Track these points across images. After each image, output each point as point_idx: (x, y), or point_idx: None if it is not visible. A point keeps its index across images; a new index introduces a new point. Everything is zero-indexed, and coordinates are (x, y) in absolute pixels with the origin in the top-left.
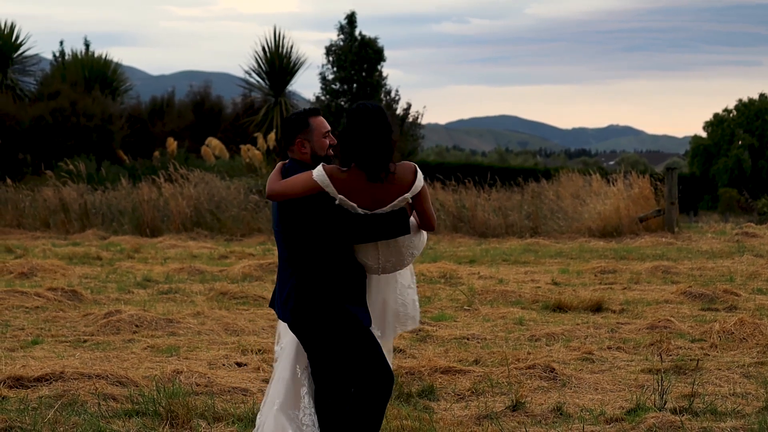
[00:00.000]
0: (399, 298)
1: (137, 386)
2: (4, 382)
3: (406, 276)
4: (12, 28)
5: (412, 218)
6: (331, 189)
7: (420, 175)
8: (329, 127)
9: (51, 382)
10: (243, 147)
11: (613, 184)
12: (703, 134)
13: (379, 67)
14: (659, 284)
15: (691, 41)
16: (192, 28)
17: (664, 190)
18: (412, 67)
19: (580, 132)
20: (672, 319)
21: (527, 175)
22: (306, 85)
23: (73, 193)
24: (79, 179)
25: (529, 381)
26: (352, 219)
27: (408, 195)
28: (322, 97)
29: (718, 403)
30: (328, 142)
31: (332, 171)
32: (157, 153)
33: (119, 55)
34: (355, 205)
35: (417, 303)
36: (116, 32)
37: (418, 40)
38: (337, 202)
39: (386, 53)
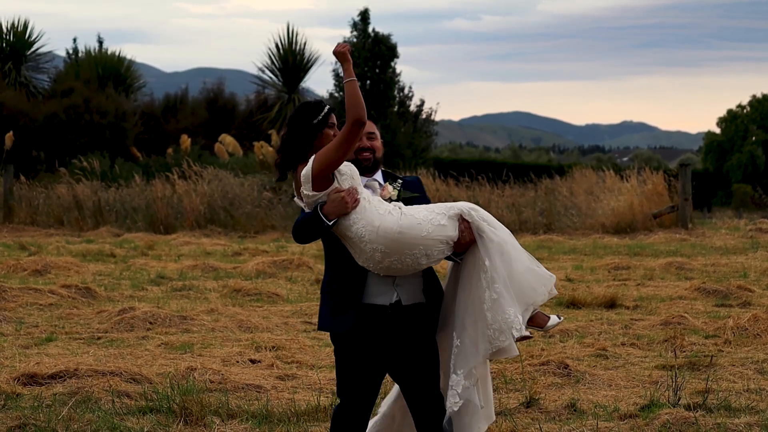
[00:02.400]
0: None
1: (151, 383)
2: (19, 380)
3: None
4: (26, 25)
5: (372, 210)
6: None
7: (305, 171)
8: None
9: (65, 380)
10: (256, 144)
11: (626, 180)
12: (717, 130)
13: (392, 63)
14: (673, 280)
15: (705, 37)
16: (205, 25)
17: (677, 186)
18: (425, 64)
19: (593, 128)
20: (686, 315)
21: (541, 171)
22: (319, 82)
23: (86, 191)
24: (93, 176)
25: (543, 377)
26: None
27: (303, 189)
28: (336, 94)
29: (732, 400)
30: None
31: None
32: (170, 150)
33: (133, 52)
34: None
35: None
36: (130, 29)
37: (432, 37)
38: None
39: (399, 50)
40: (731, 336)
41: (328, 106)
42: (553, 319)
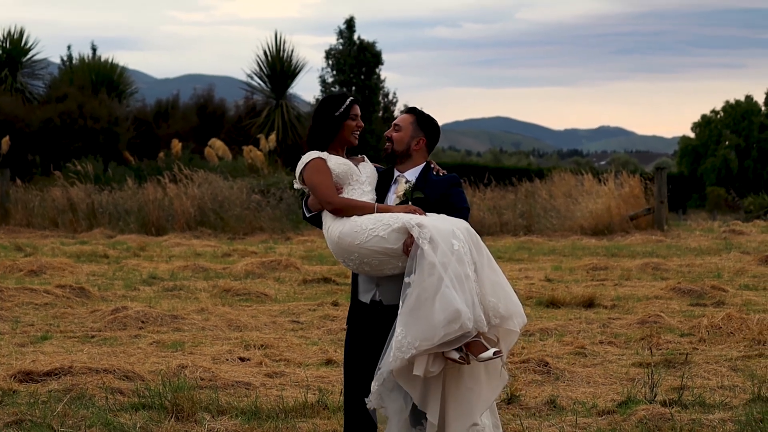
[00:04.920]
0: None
1: (143, 380)
2: (15, 377)
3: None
4: (21, 33)
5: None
6: None
7: (301, 162)
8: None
9: (60, 377)
10: (245, 148)
11: (604, 183)
12: (692, 135)
13: (377, 70)
14: (649, 280)
15: (679, 44)
16: (194, 32)
17: (653, 189)
18: (409, 70)
19: (572, 133)
20: (662, 314)
21: (521, 174)
22: (306, 88)
23: (80, 193)
24: (87, 180)
25: (523, 375)
26: None
27: (296, 185)
28: None
29: (707, 396)
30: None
31: None
32: (162, 154)
33: (125, 59)
34: None
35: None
36: (122, 37)
37: (415, 44)
38: None
39: (384, 56)
40: (706, 334)
41: (351, 98)
42: (488, 352)
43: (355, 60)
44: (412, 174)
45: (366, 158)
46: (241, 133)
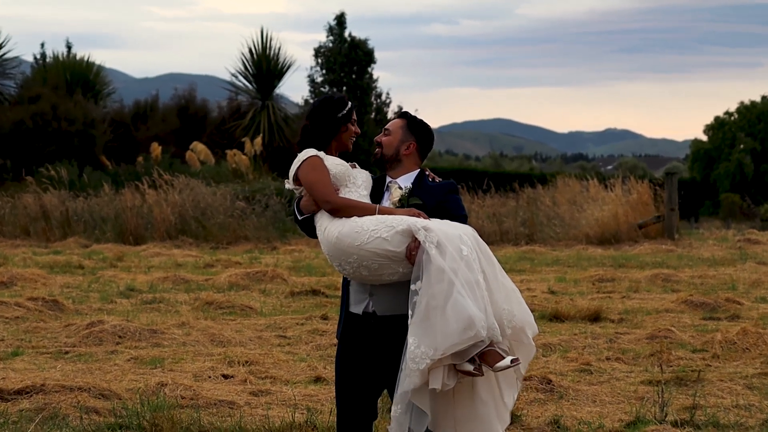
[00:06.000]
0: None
1: (120, 399)
2: None
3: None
4: None
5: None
6: None
7: (297, 160)
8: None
9: (32, 395)
10: (229, 152)
11: (611, 189)
12: (704, 138)
13: (369, 69)
14: (659, 293)
15: (691, 42)
16: (174, 29)
17: (663, 195)
18: (403, 69)
19: (577, 136)
20: (672, 328)
21: (522, 180)
22: (294, 88)
23: (54, 200)
24: (61, 185)
25: (525, 393)
26: None
27: (287, 180)
28: (311, 100)
29: (721, 416)
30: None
31: None
32: (140, 158)
33: (101, 57)
34: None
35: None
36: (99, 34)
37: (409, 42)
38: None
39: (376, 55)
40: (719, 350)
41: (350, 102)
42: (506, 361)
43: (346, 58)
44: (404, 180)
45: (357, 165)
46: (225, 135)
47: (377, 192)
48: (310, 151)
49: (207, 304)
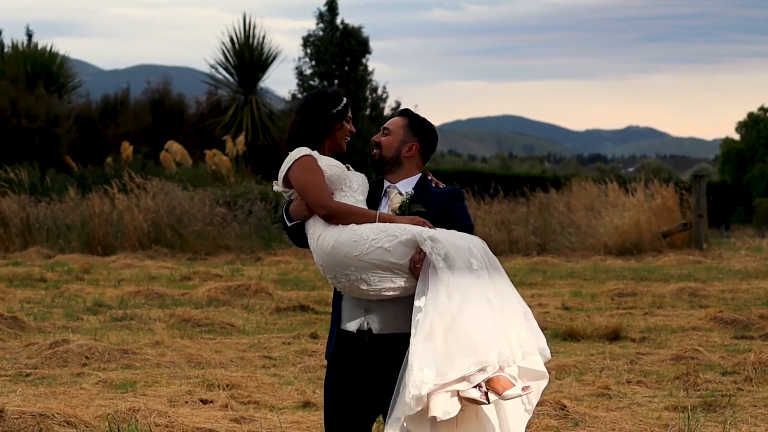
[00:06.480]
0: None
1: (88, 426)
2: None
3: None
4: None
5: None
6: None
7: (288, 159)
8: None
9: None
10: (208, 152)
11: (632, 194)
12: (736, 137)
13: (363, 60)
14: (685, 309)
15: (721, 29)
16: (147, 15)
17: (690, 200)
18: (401, 60)
19: (594, 134)
20: (700, 348)
21: (534, 183)
22: (280, 81)
23: (13, 206)
24: (21, 189)
25: (536, 419)
26: None
27: (275, 181)
28: (299, 95)
29: None
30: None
31: None
32: (109, 159)
33: (66, 46)
34: None
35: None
36: (62, 20)
37: (408, 30)
38: None
39: (372, 44)
40: (752, 372)
41: (346, 98)
42: (516, 388)
43: (338, 48)
44: (405, 185)
45: (351, 168)
46: (204, 134)
47: (373, 198)
48: (302, 150)
49: (183, 321)
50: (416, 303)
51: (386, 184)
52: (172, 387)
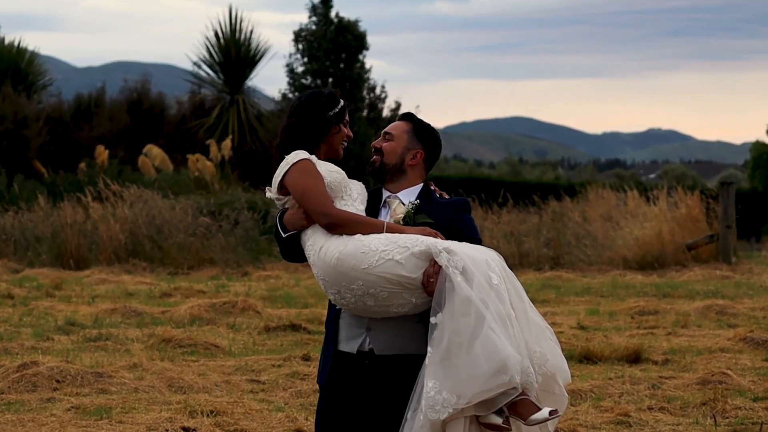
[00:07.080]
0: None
1: None
2: None
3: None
4: None
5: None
6: None
7: (284, 163)
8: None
9: None
10: (191, 157)
11: (654, 202)
12: (767, 140)
13: (360, 56)
14: (712, 328)
15: (749, 23)
16: (125, 8)
17: (717, 210)
18: (401, 57)
19: (611, 137)
20: (729, 372)
21: (546, 191)
22: (269, 80)
23: None
24: None
25: None
26: None
27: (268, 189)
28: (290, 95)
29: None
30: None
31: None
32: (83, 164)
33: (36, 41)
34: None
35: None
36: (32, 14)
37: (408, 24)
38: None
39: (369, 40)
40: None
41: (343, 101)
42: (543, 412)
43: (332, 44)
44: (406, 196)
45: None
46: (186, 137)
47: (372, 208)
48: (300, 154)
49: (164, 341)
50: (432, 320)
51: (385, 194)
52: (151, 414)
